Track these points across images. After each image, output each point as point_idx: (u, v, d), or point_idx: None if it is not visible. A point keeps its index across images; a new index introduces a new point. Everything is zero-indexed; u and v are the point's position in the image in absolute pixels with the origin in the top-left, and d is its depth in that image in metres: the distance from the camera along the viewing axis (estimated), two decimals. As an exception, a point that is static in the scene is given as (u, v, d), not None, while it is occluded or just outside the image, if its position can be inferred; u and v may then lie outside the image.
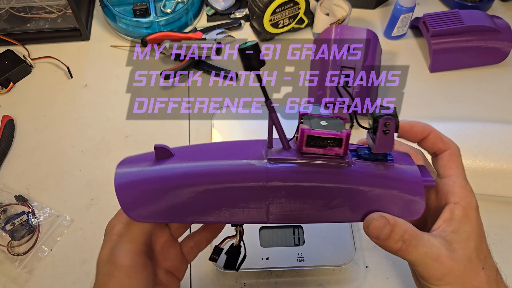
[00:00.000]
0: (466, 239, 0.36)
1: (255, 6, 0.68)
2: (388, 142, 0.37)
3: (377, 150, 0.37)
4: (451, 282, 0.35)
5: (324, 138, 0.35)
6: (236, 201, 0.34)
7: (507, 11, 0.78)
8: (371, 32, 0.68)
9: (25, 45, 0.72)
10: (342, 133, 0.35)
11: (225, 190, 0.34)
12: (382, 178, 0.36)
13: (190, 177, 0.35)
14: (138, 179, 0.36)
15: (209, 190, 0.34)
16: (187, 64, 0.68)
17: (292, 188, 0.35)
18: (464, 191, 0.38)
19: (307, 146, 0.35)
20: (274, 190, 0.34)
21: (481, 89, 0.69)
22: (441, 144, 0.40)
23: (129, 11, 0.72)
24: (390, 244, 0.34)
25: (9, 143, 0.62)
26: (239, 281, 0.51)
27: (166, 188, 0.35)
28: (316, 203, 0.35)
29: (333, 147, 0.35)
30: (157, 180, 0.36)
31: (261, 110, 0.64)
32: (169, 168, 0.36)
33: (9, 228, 0.53)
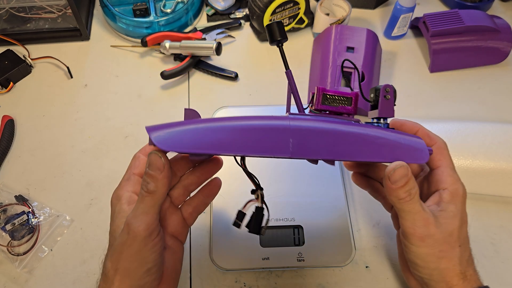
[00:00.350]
0: (451, 217, 0.41)
1: (255, 6, 0.68)
2: (389, 106, 0.43)
3: (381, 114, 0.43)
4: (430, 245, 0.41)
5: (337, 97, 0.41)
6: (265, 139, 0.38)
7: (507, 11, 0.78)
8: (371, 32, 0.68)
9: (25, 45, 0.72)
10: (352, 93, 0.42)
11: (256, 131, 0.38)
12: (389, 132, 0.42)
13: (224, 120, 0.39)
14: (172, 124, 0.38)
15: (243, 130, 0.38)
16: (187, 64, 0.68)
17: (311, 129, 0.39)
18: (451, 179, 0.43)
19: (322, 104, 0.41)
20: (296, 131, 0.38)
21: (481, 89, 0.69)
22: (428, 139, 0.45)
23: (129, 11, 0.72)
24: (400, 192, 0.40)
25: (9, 143, 0.62)
26: (239, 281, 0.51)
27: (205, 129, 0.38)
28: (331, 142, 0.39)
29: (344, 106, 0.42)
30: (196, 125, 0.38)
31: (260, 110, 0.64)
32: (204, 120, 0.39)
33: (9, 228, 0.53)
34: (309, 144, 0.39)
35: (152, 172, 0.38)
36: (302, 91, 0.68)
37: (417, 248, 0.41)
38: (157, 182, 0.38)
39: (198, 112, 0.41)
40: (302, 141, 0.39)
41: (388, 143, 0.41)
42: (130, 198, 0.41)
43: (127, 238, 0.38)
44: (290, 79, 0.42)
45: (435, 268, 0.41)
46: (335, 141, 0.40)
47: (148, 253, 0.39)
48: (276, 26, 0.41)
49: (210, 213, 0.55)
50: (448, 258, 0.41)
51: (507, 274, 0.52)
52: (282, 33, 0.42)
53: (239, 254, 0.52)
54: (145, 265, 0.39)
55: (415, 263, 0.42)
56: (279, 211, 0.55)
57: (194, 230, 0.55)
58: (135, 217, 0.38)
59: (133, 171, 0.43)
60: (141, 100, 0.67)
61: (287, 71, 0.42)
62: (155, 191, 0.38)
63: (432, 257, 0.41)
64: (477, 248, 0.53)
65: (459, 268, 0.41)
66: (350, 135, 0.40)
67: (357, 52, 0.65)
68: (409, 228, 0.41)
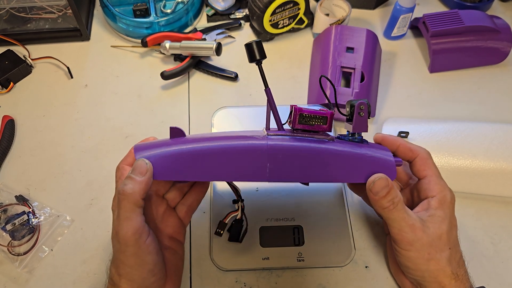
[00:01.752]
0: (439, 222, 0.43)
1: (255, 6, 0.68)
2: (363, 122, 0.45)
3: (354, 130, 0.45)
4: (418, 249, 0.42)
5: (313, 116, 0.43)
6: (243, 164, 0.41)
7: (507, 11, 0.79)
8: (371, 32, 0.68)
9: (25, 45, 0.72)
10: (327, 112, 0.44)
11: (234, 156, 0.41)
12: (359, 148, 0.44)
13: (207, 145, 0.41)
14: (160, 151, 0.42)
15: (222, 154, 0.41)
16: (187, 64, 0.68)
17: (287, 152, 0.41)
18: (438, 186, 0.45)
19: (299, 123, 0.43)
20: (273, 154, 0.41)
21: (481, 89, 0.69)
22: (410, 153, 0.47)
23: (129, 11, 0.72)
24: (383, 202, 0.42)
25: (9, 143, 0.62)
26: (239, 281, 0.51)
27: (186, 152, 0.41)
28: (306, 165, 0.42)
29: (320, 125, 0.44)
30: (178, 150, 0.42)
31: (260, 110, 0.64)
32: (187, 140, 0.43)
33: (9, 228, 0.53)
34: (285, 168, 0.41)
35: (133, 175, 0.39)
36: (302, 91, 0.68)
37: (406, 252, 0.43)
38: (134, 184, 0.39)
39: (182, 130, 0.44)
40: (279, 165, 0.41)
41: (359, 164, 0.43)
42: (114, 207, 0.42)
43: (120, 245, 0.39)
44: (269, 97, 0.44)
45: (426, 270, 0.43)
46: (310, 165, 0.42)
47: (143, 255, 0.39)
48: (255, 46, 0.43)
49: (210, 213, 0.55)
50: (437, 260, 0.42)
51: (507, 274, 0.52)
52: (261, 53, 0.44)
53: (239, 254, 0.52)
54: (145, 266, 0.40)
55: (407, 266, 0.44)
56: (279, 211, 0.55)
57: (194, 230, 0.55)
58: (119, 225, 0.39)
59: None
60: (141, 100, 0.67)
61: (266, 89, 0.44)
62: (131, 193, 0.39)
63: (421, 259, 0.43)
64: (477, 248, 0.54)
65: (450, 269, 0.43)
66: (323, 158, 0.42)
67: (357, 52, 0.65)
68: (397, 235, 0.43)
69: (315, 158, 0.42)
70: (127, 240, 0.38)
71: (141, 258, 0.39)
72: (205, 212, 0.56)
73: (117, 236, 0.39)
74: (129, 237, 0.38)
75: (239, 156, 0.41)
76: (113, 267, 0.41)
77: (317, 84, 0.65)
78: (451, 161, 0.55)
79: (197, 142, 0.42)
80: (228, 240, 0.52)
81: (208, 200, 0.56)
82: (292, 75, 0.70)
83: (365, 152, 0.44)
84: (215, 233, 0.52)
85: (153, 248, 0.40)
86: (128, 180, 0.39)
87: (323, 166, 0.42)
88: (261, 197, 0.56)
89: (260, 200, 0.55)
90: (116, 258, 0.40)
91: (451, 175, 0.53)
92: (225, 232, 0.53)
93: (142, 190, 0.39)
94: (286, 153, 0.41)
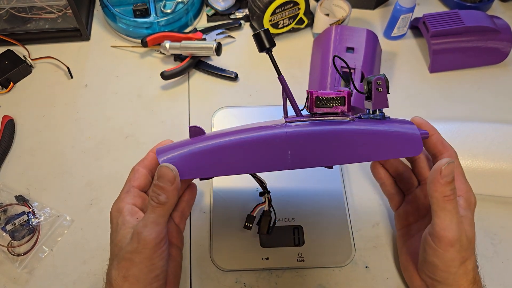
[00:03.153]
0: (470, 225, 0.42)
1: (255, 6, 0.68)
2: (383, 98, 0.43)
3: (375, 107, 0.44)
4: (457, 250, 0.40)
5: (329, 98, 0.42)
6: (265, 155, 0.40)
7: (507, 11, 0.79)
8: (371, 33, 0.68)
9: (25, 45, 0.72)
10: (344, 92, 0.43)
11: (256, 148, 0.41)
12: (382, 124, 0.42)
13: (228, 139, 0.41)
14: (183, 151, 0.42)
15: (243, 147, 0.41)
16: (187, 64, 0.68)
17: (307, 136, 0.40)
18: (465, 187, 0.44)
19: (316, 107, 0.42)
20: (293, 142, 0.40)
21: (481, 89, 0.69)
22: (441, 146, 0.45)
23: (129, 11, 0.72)
24: (446, 188, 0.39)
25: (9, 143, 0.62)
26: (239, 281, 0.51)
27: (209, 149, 0.41)
28: (328, 147, 0.41)
29: (338, 106, 0.43)
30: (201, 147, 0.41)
31: (260, 110, 0.64)
32: (208, 137, 0.42)
33: (9, 228, 0.53)
34: (307, 154, 0.40)
35: (163, 184, 0.40)
36: (302, 92, 0.68)
37: (443, 253, 0.41)
38: (168, 193, 0.40)
39: (202, 128, 0.43)
40: (300, 151, 0.40)
41: (384, 141, 0.42)
42: (132, 209, 0.42)
43: (137, 246, 0.39)
44: (283, 85, 0.43)
45: (454, 273, 0.41)
46: (332, 147, 0.41)
47: (157, 260, 0.40)
48: (264, 34, 0.42)
49: (210, 213, 0.55)
50: (466, 264, 0.41)
51: (508, 274, 0.52)
52: (270, 41, 0.42)
53: (239, 254, 0.52)
54: (154, 271, 0.40)
55: (436, 266, 0.42)
56: (279, 211, 0.55)
57: (194, 230, 0.55)
58: (145, 226, 0.39)
59: (132, 184, 0.44)
60: (141, 100, 0.67)
61: (279, 76, 0.43)
62: (166, 202, 0.40)
63: (456, 262, 0.41)
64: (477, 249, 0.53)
65: (473, 274, 0.42)
66: (346, 138, 0.41)
67: (357, 53, 0.65)
68: (443, 230, 0.40)
69: (337, 140, 0.41)
70: (148, 242, 0.39)
71: (153, 263, 0.40)
72: (205, 212, 0.56)
73: (138, 236, 0.39)
74: (152, 240, 0.39)
75: (260, 146, 0.40)
76: (117, 269, 0.40)
77: (317, 84, 0.65)
78: (451, 161, 0.55)
79: (218, 138, 0.42)
80: (258, 233, 0.50)
81: (208, 200, 0.56)
82: (292, 75, 0.70)
83: (388, 128, 0.42)
84: (244, 227, 0.50)
85: (166, 255, 0.41)
86: (159, 190, 0.40)
87: (347, 147, 0.41)
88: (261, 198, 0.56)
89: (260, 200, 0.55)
90: (124, 259, 0.40)
91: (451, 175, 0.53)
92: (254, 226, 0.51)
93: (175, 197, 0.40)
94: (307, 138, 0.40)
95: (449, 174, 0.39)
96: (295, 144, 0.40)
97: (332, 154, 0.41)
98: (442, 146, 0.45)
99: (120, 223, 0.41)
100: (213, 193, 0.56)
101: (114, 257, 0.41)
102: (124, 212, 0.42)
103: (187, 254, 0.53)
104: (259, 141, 0.41)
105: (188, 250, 0.53)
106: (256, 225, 0.50)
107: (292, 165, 0.40)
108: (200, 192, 0.57)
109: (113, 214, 0.43)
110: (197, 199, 0.57)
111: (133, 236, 0.39)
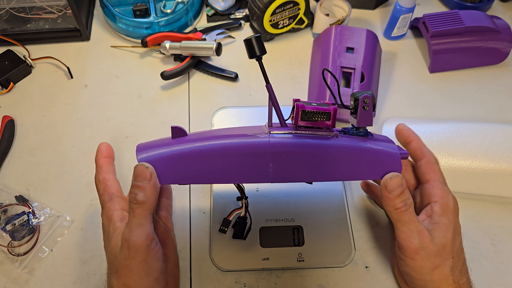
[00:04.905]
0: (444, 230, 0.42)
1: (255, 6, 0.68)
2: (368, 116, 0.44)
3: (359, 124, 0.44)
4: (424, 258, 0.42)
5: (316, 112, 0.42)
6: (245, 165, 0.40)
7: (507, 11, 0.79)
8: (371, 33, 0.68)
9: (25, 45, 0.72)
10: (330, 108, 0.42)
11: (236, 157, 0.40)
12: (364, 142, 0.43)
13: (209, 147, 0.41)
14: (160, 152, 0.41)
15: (224, 157, 0.40)
16: (187, 64, 0.68)
17: (290, 150, 0.41)
18: (441, 192, 0.44)
19: (301, 120, 0.42)
20: (276, 155, 0.40)
21: (481, 89, 0.69)
22: (419, 152, 0.47)
23: (129, 11, 0.72)
24: (396, 202, 0.41)
25: (9, 144, 0.62)
26: (239, 281, 0.51)
27: (189, 156, 0.40)
28: (310, 163, 0.41)
29: (323, 121, 0.42)
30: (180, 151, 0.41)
31: (260, 110, 0.64)
32: (188, 140, 0.42)
33: (9, 229, 0.53)
34: (288, 168, 0.40)
35: (140, 183, 0.39)
36: (302, 92, 0.68)
37: (411, 261, 0.42)
38: (145, 191, 0.39)
39: (184, 129, 0.43)
40: (282, 166, 0.40)
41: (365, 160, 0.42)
42: (122, 215, 0.42)
43: (129, 252, 0.39)
44: (270, 93, 0.43)
45: (429, 280, 0.42)
46: (315, 163, 0.41)
47: (152, 262, 0.40)
48: (255, 41, 0.42)
49: (210, 213, 0.55)
50: (440, 269, 0.42)
51: (508, 275, 0.52)
52: (261, 48, 0.42)
53: (239, 254, 0.52)
54: (153, 274, 0.40)
55: (410, 275, 0.44)
56: (279, 211, 0.55)
57: (194, 230, 0.55)
58: (131, 231, 0.39)
59: (111, 191, 0.44)
60: (141, 100, 0.67)
61: (267, 85, 0.43)
62: (145, 201, 0.39)
63: (426, 269, 0.42)
64: (477, 249, 0.54)
65: (452, 278, 0.42)
66: (328, 155, 0.41)
67: (357, 53, 0.65)
68: (405, 240, 0.42)
69: (319, 156, 0.41)
70: (139, 246, 0.38)
71: (149, 265, 0.39)
72: (205, 212, 0.56)
73: (127, 243, 0.38)
74: (141, 243, 0.38)
75: (241, 156, 0.40)
76: (116, 278, 0.40)
77: (317, 84, 0.65)
78: (451, 161, 0.55)
79: (199, 141, 0.41)
80: (232, 237, 0.52)
81: (208, 201, 0.56)
82: (292, 75, 0.70)
83: (369, 147, 0.43)
84: (219, 230, 0.52)
85: (160, 255, 0.41)
86: (136, 189, 0.39)
87: (328, 164, 0.41)
88: (261, 198, 0.56)
89: (260, 201, 0.55)
90: (121, 267, 0.39)
91: (451, 176, 0.53)
92: (229, 230, 0.52)
93: (154, 195, 0.40)
94: (290, 153, 0.40)
95: (395, 188, 0.41)
96: (278, 158, 0.40)
97: (313, 170, 0.41)
98: (420, 152, 0.46)
99: (111, 231, 0.41)
100: (213, 193, 0.56)
101: (111, 266, 0.41)
102: (114, 219, 0.41)
103: (187, 254, 0.53)
104: (242, 150, 0.40)
105: (188, 250, 0.53)
106: (231, 228, 0.52)
107: (272, 179, 0.40)
108: (200, 192, 0.57)
109: (104, 223, 0.42)
110: (197, 199, 0.57)
111: (122, 244, 0.39)
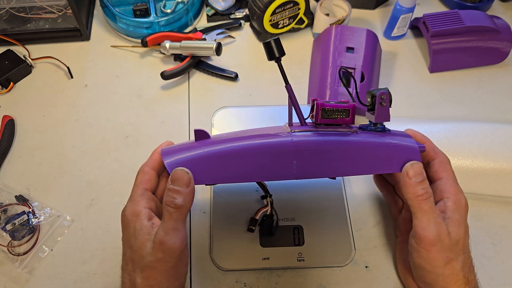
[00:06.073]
0: (458, 226, 0.42)
1: (255, 6, 0.68)
2: (385, 112, 0.45)
3: (377, 120, 0.45)
4: (439, 251, 0.41)
5: (335, 110, 0.43)
6: (270, 164, 0.41)
7: (507, 11, 0.79)
8: (371, 33, 0.68)
9: (25, 45, 0.72)
10: (349, 105, 0.44)
11: (262, 156, 0.41)
12: (383, 137, 0.44)
13: (236, 146, 0.42)
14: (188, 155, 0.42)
15: (251, 156, 0.41)
16: (187, 64, 0.68)
17: (312, 147, 0.42)
18: (454, 189, 0.44)
19: (322, 118, 0.43)
20: (299, 152, 0.41)
21: (481, 89, 0.69)
22: (433, 153, 0.47)
23: (129, 11, 0.72)
24: (417, 189, 0.41)
25: (9, 143, 0.62)
26: (239, 281, 0.51)
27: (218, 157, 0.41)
28: (332, 159, 0.42)
29: (342, 118, 0.44)
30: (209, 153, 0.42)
31: (260, 110, 0.64)
32: (213, 142, 0.43)
33: (9, 228, 0.53)
34: (311, 164, 0.41)
35: (179, 187, 0.39)
36: (303, 92, 0.68)
37: (426, 253, 0.42)
38: (184, 196, 0.39)
39: (207, 132, 0.44)
40: (305, 162, 0.41)
41: (384, 154, 0.43)
42: (149, 214, 0.41)
43: (163, 255, 0.38)
44: (290, 93, 0.44)
45: (441, 274, 0.42)
46: (337, 159, 0.42)
47: (181, 267, 0.40)
48: (274, 44, 0.43)
49: (210, 213, 0.55)
50: (453, 263, 0.42)
51: (508, 274, 0.52)
52: (280, 50, 0.43)
53: (239, 254, 0.52)
54: (180, 279, 0.40)
55: (422, 268, 0.43)
56: (279, 211, 0.55)
57: (194, 230, 0.55)
58: (167, 235, 0.39)
59: (145, 186, 0.43)
60: (141, 100, 0.67)
61: (286, 85, 0.44)
62: (183, 206, 0.39)
63: (440, 261, 0.42)
64: (477, 248, 0.54)
65: (463, 274, 0.42)
66: (349, 150, 0.42)
67: (357, 53, 0.65)
68: (423, 230, 0.41)
69: (341, 152, 0.42)
70: (174, 251, 0.38)
71: (179, 270, 0.40)
72: (205, 212, 0.56)
73: (162, 246, 0.38)
74: (177, 248, 0.38)
75: (267, 155, 0.41)
76: (141, 277, 0.39)
77: (317, 84, 0.65)
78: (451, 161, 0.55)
79: (225, 143, 0.42)
80: (260, 235, 0.52)
81: (208, 200, 0.56)
82: (292, 75, 0.70)
83: (389, 141, 0.44)
84: (248, 230, 0.52)
85: (188, 261, 0.41)
86: (175, 193, 0.39)
87: (349, 159, 0.42)
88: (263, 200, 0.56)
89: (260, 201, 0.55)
90: (149, 268, 0.39)
91: (451, 175, 0.53)
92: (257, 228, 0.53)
93: (191, 201, 0.40)
94: (312, 149, 0.42)
95: (417, 174, 0.41)
96: (301, 155, 0.41)
97: (336, 166, 0.42)
98: (433, 152, 0.47)
99: (138, 228, 0.40)
100: (213, 193, 0.56)
101: (136, 264, 0.40)
102: (141, 217, 0.41)
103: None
104: (267, 149, 0.41)
105: (188, 250, 0.53)
106: (258, 225, 0.52)
107: (296, 175, 0.41)
108: (200, 192, 0.57)
109: (129, 218, 0.41)
110: (197, 199, 0.57)
111: (155, 246, 0.39)
